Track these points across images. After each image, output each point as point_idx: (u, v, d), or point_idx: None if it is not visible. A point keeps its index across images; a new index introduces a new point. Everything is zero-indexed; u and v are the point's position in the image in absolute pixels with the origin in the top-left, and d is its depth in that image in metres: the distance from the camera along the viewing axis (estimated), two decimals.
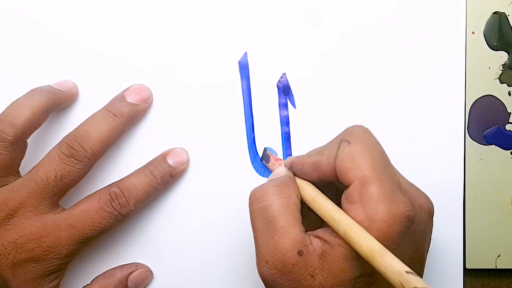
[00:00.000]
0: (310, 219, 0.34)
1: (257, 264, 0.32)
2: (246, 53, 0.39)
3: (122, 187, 0.36)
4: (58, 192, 0.35)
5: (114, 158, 0.39)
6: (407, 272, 0.26)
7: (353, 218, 0.30)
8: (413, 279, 0.26)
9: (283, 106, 0.40)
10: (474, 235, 0.40)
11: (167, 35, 0.39)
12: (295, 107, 0.40)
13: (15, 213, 0.35)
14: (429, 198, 0.33)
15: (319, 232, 0.31)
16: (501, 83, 0.39)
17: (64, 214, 0.35)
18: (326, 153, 0.33)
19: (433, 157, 0.40)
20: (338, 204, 0.32)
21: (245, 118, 0.40)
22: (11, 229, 0.34)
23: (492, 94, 0.39)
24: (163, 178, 0.38)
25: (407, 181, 0.33)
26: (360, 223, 0.30)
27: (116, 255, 0.40)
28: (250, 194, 0.33)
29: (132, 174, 0.37)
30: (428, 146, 0.39)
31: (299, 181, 0.34)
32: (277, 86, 0.40)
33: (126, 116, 0.37)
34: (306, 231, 0.32)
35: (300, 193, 0.34)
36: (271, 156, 0.38)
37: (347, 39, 0.39)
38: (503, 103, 0.40)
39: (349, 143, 0.31)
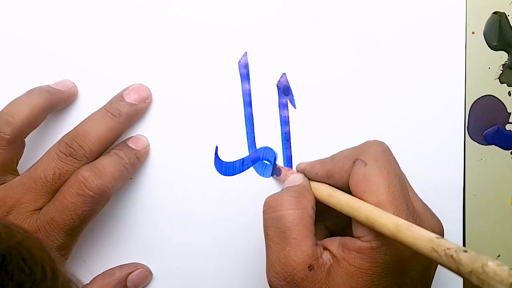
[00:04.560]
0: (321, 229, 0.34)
1: (267, 271, 0.32)
2: (246, 53, 0.39)
3: (95, 172, 0.35)
4: (55, 190, 0.35)
5: None
6: (436, 237, 0.27)
7: None
8: (444, 241, 0.26)
9: (283, 106, 0.40)
10: (474, 235, 0.40)
11: (167, 35, 0.39)
12: (295, 107, 0.40)
13: (11, 211, 0.35)
14: (439, 221, 0.33)
15: (328, 243, 0.32)
16: (501, 83, 0.39)
17: (45, 209, 0.35)
18: (340, 165, 0.33)
19: (433, 157, 0.40)
20: None
21: (245, 118, 0.39)
22: None
23: (492, 94, 0.39)
24: (130, 159, 0.37)
25: (421, 202, 0.33)
26: None
27: (116, 255, 0.40)
28: (265, 201, 0.33)
29: (100, 159, 0.36)
30: (428, 146, 0.39)
31: (313, 183, 0.35)
32: (277, 86, 0.40)
33: (125, 116, 0.37)
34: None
35: (315, 194, 0.34)
36: (282, 169, 0.38)
37: (347, 39, 0.39)
38: (503, 103, 0.40)
39: (365, 164, 0.31)
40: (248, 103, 0.39)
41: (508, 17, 0.39)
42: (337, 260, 0.30)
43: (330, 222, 0.36)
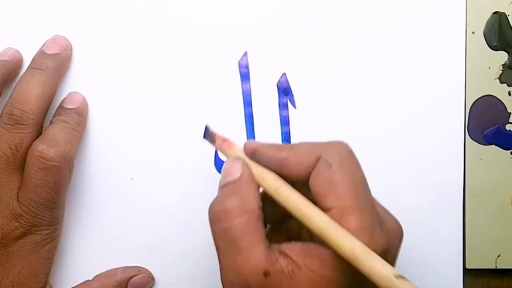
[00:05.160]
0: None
1: (222, 282, 0.30)
2: (246, 53, 0.39)
3: (48, 143, 0.35)
4: (22, 163, 0.35)
5: (115, 158, 0.39)
6: (396, 276, 0.25)
7: None
8: (404, 284, 0.25)
9: (283, 106, 0.40)
10: (474, 235, 0.40)
11: (167, 35, 0.39)
12: (295, 107, 0.40)
13: None
14: (398, 222, 0.31)
15: (286, 248, 0.29)
16: (501, 83, 0.39)
17: (20, 193, 0.35)
18: (299, 158, 0.30)
19: (433, 157, 0.40)
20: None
21: (245, 118, 0.39)
22: None
23: (492, 94, 0.39)
24: (73, 119, 0.37)
25: (381, 207, 0.31)
26: None
27: (116, 255, 0.40)
28: (209, 210, 0.31)
29: (46, 130, 0.36)
30: (428, 146, 0.39)
31: (258, 170, 0.31)
32: (277, 86, 0.40)
33: (52, 68, 0.37)
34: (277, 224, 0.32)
35: (258, 183, 0.31)
36: (217, 137, 0.33)
37: (347, 39, 0.39)
38: (503, 103, 0.40)
39: (330, 165, 0.29)
40: (248, 103, 0.39)
41: (508, 17, 0.39)
42: (299, 267, 0.28)
43: (267, 215, 0.33)
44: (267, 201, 0.31)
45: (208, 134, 0.33)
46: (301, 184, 0.30)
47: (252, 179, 0.31)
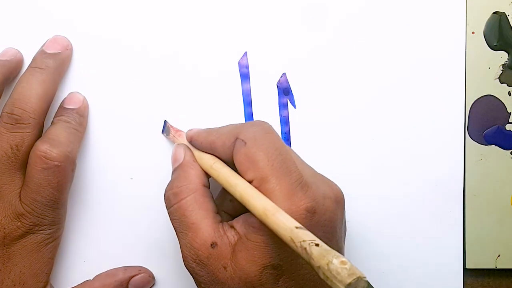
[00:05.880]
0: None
1: (183, 260, 0.33)
2: (246, 53, 0.39)
3: (50, 143, 0.35)
4: (23, 163, 0.35)
5: (115, 158, 0.39)
6: (296, 227, 0.27)
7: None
8: (302, 233, 0.27)
9: (283, 106, 0.40)
10: (474, 235, 0.40)
11: (167, 35, 0.39)
12: (295, 107, 0.40)
13: None
14: (335, 185, 0.33)
15: (234, 221, 0.32)
16: (501, 83, 0.39)
17: (23, 193, 0.35)
18: (222, 140, 0.33)
19: (433, 157, 0.40)
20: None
21: (245, 118, 0.39)
22: None
23: (492, 94, 0.39)
24: (75, 119, 0.38)
25: (313, 172, 0.33)
26: None
27: (116, 255, 0.40)
28: (164, 197, 0.34)
29: (49, 130, 0.36)
30: (428, 146, 0.39)
31: (198, 152, 0.35)
32: (277, 86, 0.40)
33: (53, 66, 0.37)
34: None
35: (199, 164, 0.35)
36: (171, 128, 0.38)
37: (347, 39, 0.39)
38: (503, 103, 0.40)
39: (245, 143, 0.32)
40: (248, 103, 0.39)
41: (508, 17, 0.39)
42: (240, 237, 0.31)
43: (229, 208, 0.36)
44: (226, 198, 0.36)
45: (165, 129, 0.38)
46: (233, 164, 0.33)
47: (194, 160, 0.35)
